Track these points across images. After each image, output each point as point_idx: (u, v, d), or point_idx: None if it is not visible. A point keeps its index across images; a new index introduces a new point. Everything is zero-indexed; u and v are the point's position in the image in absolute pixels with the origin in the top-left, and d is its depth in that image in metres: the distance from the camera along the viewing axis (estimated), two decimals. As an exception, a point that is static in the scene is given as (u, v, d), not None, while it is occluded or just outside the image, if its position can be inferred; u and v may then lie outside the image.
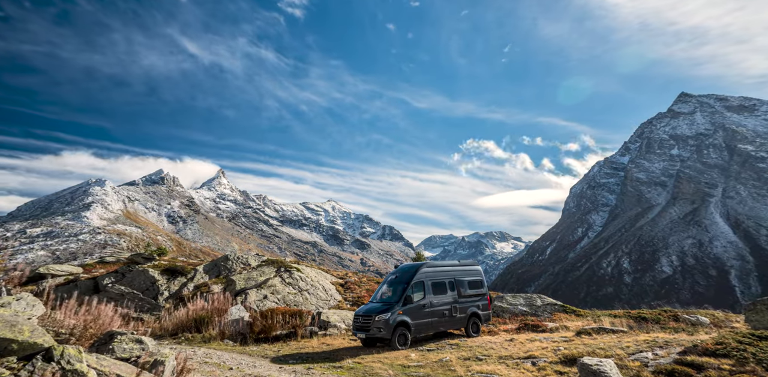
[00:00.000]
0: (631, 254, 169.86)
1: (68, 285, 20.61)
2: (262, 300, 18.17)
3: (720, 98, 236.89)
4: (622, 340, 10.72)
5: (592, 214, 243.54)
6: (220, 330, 13.21)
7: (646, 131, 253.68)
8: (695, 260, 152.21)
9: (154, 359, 5.34)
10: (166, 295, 19.58)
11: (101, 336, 5.81)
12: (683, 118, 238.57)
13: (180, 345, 12.02)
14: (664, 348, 9.25)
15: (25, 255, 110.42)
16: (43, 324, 5.54)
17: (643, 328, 13.52)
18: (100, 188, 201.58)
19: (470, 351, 10.45)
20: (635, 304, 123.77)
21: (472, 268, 14.74)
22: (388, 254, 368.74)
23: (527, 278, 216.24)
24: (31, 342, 4.25)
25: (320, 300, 20.25)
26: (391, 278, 13.33)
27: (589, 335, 12.08)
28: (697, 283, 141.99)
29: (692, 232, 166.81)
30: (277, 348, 12.01)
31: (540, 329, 14.46)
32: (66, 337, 5.54)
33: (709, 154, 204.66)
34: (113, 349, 5.38)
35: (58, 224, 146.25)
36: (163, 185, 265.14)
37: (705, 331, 12.65)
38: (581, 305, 33.40)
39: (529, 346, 10.77)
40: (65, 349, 4.33)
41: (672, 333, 12.32)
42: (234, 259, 23.68)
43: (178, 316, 14.34)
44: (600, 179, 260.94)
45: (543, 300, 20.14)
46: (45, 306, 6.25)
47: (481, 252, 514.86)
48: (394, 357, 10.22)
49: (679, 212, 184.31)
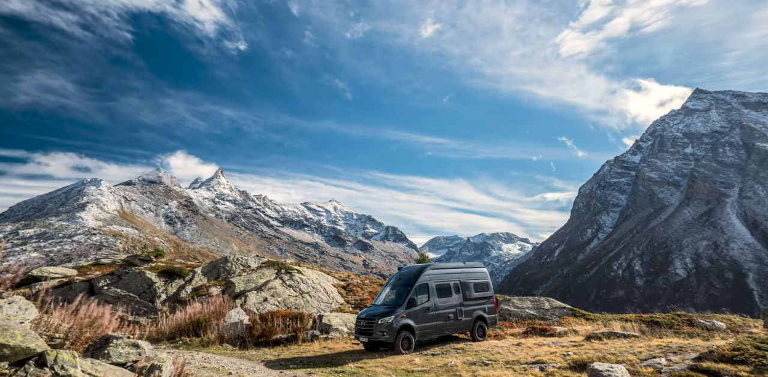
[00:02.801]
0: (643, 256, 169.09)
1: (62, 288, 20.72)
2: (262, 302, 18.20)
3: (737, 94, 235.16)
4: (634, 345, 10.65)
5: (602, 214, 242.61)
6: (218, 334, 13.24)
7: (658, 128, 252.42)
8: (710, 262, 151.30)
9: (151, 364, 5.35)
10: (164, 298, 19.64)
11: (96, 340, 5.82)
12: (698, 115, 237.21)
13: (178, 349, 12.04)
14: (679, 354, 9.18)
15: (17, 257, 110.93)
16: (36, 328, 5.55)
17: (655, 333, 13.44)
18: (96, 187, 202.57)
19: (476, 356, 10.42)
20: (647, 308, 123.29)
21: (477, 270, 14.71)
22: (392, 255, 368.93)
23: (535, 280, 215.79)
24: (23, 346, 4.24)
25: (322, 303, 20.27)
26: (394, 280, 13.32)
27: (600, 339, 12.02)
28: (712, 286, 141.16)
29: (707, 233, 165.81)
30: (278, 352, 12.02)
31: (548, 333, 14.41)
32: (60, 342, 5.56)
33: (725, 152, 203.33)
34: (109, 354, 5.38)
35: (52, 225, 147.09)
36: (160, 185, 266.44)
37: (721, 336, 12.56)
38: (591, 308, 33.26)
39: (537, 351, 10.73)
40: (59, 354, 4.33)
41: (686, 338, 12.24)
42: (233, 261, 23.73)
43: (175, 319, 14.38)
44: (610, 178, 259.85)
45: (551, 303, 20.07)
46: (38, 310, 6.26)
47: (487, 254, 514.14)
48: (398, 361, 10.19)
49: (694, 213, 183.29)
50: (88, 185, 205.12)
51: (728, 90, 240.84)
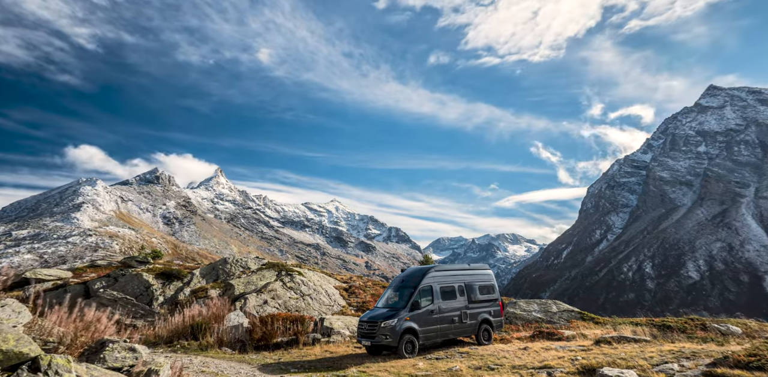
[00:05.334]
0: (654, 258, 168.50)
1: (57, 291, 20.79)
2: (262, 305, 18.24)
3: (753, 91, 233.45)
4: (645, 350, 10.61)
5: (612, 215, 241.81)
6: (217, 337, 13.27)
7: (670, 126, 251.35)
8: (725, 264, 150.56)
9: (148, 368, 5.36)
10: (161, 300, 19.71)
11: (92, 344, 5.84)
12: (711, 112, 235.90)
13: (175, 353, 12.08)
14: (692, 360, 9.13)
15: (10, 259, 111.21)
16: (30, 332, 5.57)
17: (667, 337, 13.38)
18: (91, 187, 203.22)
19: (481, 360, 10.40)
20: (659, 312, 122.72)
21: (483, 272, 14.70)
22: (395, 257, 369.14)
23: (542, 283, 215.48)
24: (16, 351, 4.25)
25: (323, 306, 20.29)
26: (397, 282, 13.33)
27: (609, 344, 11.98)
28: (727, 290, 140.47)
29: (721, 235, 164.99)
30: (278, 356, 12.05)
31: (556, 337, 14.39)
32: (54, 346, 5.57)
33: (740, 151, 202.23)
34: (105, 358, 5.39)
35: (46, 226, 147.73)
36: (158, 185, 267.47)
37: (737, 341, 12.49)
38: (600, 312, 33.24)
39: (545, 355, 10.70)
40: (53, 359, 4.34)
41: (700, 343, 12.19)
42: (233, 262, 23.79)
43: (173, 323, 14.41)
44: (620, 178, 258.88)
45: (559, 306, 20.04)
46: (32, 313, 6.29)
47: (493, 255, 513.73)
48: (401, 365, 10.20)
49: (707, 214, 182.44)
50: (83, 185, 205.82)
51: (744, 86, 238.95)
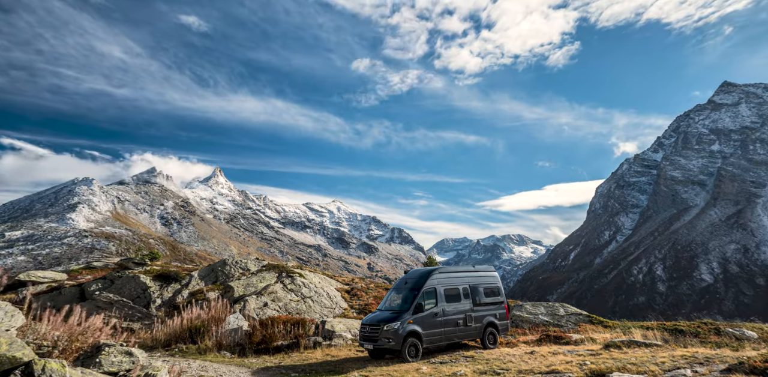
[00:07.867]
0: (665, 261, 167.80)
1: (51, 293, 20.89)
2: (263, 307, 18.27)
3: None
4: (657, 355, 10.55)
5: (621, 216, 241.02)
6: (216, 341, 13.30)
7: (682, 124, 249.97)
8: (740, 267, 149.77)
9: (145, 372, 5.37)
10: (159, 303, 19.77)
11: (87, 348, 5.85)
12: (726, 110, 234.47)
13: (173, 357, 12.11)
14: (705, 365, 9.07)
15: (3, 261, 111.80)
16: (23, 336, 5.59)
17: (680, 342, 13.32)
18: (87, 187, 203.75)
19: (487, 365, 10.38)
20: (670, 315, 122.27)
21: (488, 274, 14.69)
22: (398, 258, 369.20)
23: (549, 285, 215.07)
24: (9, 355, 4.25)
25: (324, 308, 20.30)
26: (400, 284, 13.33)
27: (619, 348, 11.93)
28: (741, 293, 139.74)
29: (736, 236, 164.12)
30: (278, 359, 12.08)
31: (563, 341, 14.36)
32: (48, 350, 5.58)
33: (756, 149, 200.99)
34: (100, 362, 5.40)
35: (41, 227, 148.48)
36: (155, 185, 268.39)
37: (752, 347, 12.42)
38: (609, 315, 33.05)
39: (552, 360, 10.66)
40: (47, 363, 4.34)
41: (714, 348, 12.12)
42: (232, 264, 23.84)
43: (171, 326, 14.45)
44: (629, 177, 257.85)
45: (566, 309, 19.99)
46: (25, 316, 6.31)
47: (498, 257, 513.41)
48: (405, 370, 10.19)
49: (721, 215, 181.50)
50: (79, 185, 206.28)
51: (760, 83, 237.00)
